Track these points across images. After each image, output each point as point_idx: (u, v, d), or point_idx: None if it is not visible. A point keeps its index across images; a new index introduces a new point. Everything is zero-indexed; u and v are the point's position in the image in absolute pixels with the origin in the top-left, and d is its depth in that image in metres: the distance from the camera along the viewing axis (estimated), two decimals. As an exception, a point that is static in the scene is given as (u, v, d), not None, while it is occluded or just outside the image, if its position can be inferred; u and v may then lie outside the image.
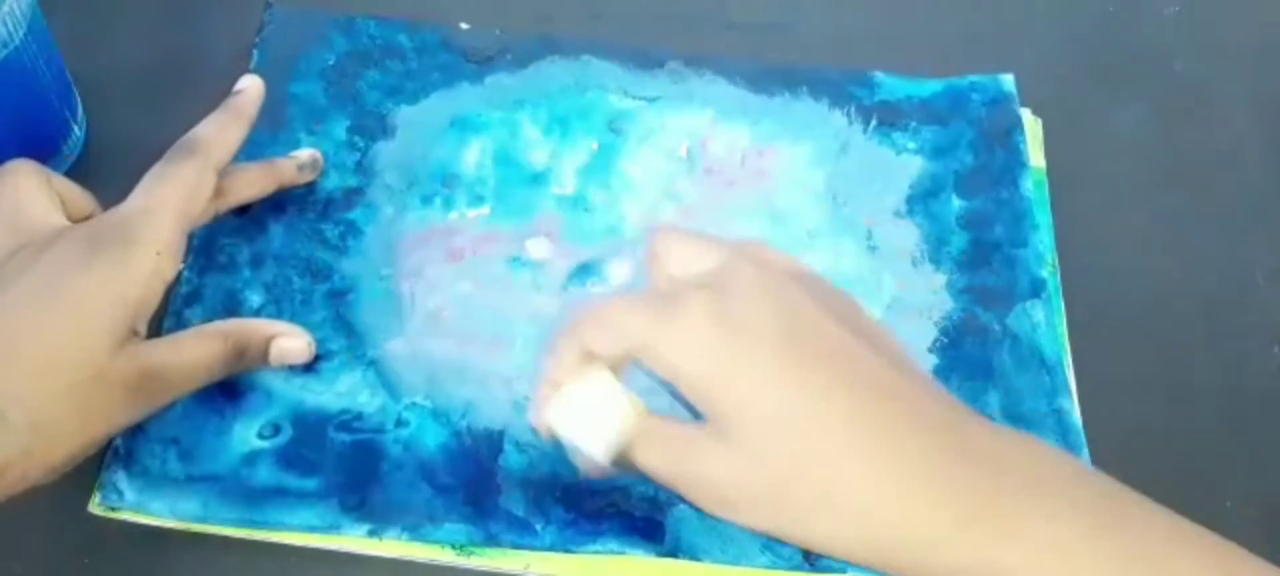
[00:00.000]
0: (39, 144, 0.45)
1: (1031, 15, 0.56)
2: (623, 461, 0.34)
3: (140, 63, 0.50)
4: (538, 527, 0.40)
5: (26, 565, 0.39)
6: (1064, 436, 0.43)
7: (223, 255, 0.44)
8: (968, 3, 0.57)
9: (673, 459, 0.32)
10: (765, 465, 0.30)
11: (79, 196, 0.39)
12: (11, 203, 0.37)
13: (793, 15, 0.55)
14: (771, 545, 0.40)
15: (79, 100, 0.47)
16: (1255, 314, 0.48)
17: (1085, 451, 0.43)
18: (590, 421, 0.34)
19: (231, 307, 0.43)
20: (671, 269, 0.34)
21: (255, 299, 0.44)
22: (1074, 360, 0.46)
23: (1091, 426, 0.44)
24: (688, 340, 0.31)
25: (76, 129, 0.47)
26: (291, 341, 0.41)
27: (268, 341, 0.40)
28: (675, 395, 0.33)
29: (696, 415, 0.32)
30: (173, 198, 0.38)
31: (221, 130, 0.41)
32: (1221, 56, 0.56)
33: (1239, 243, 0.50)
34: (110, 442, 0.39)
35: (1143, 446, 0.44)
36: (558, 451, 0.38)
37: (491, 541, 0.39)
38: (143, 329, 0.37)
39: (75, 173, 0.46)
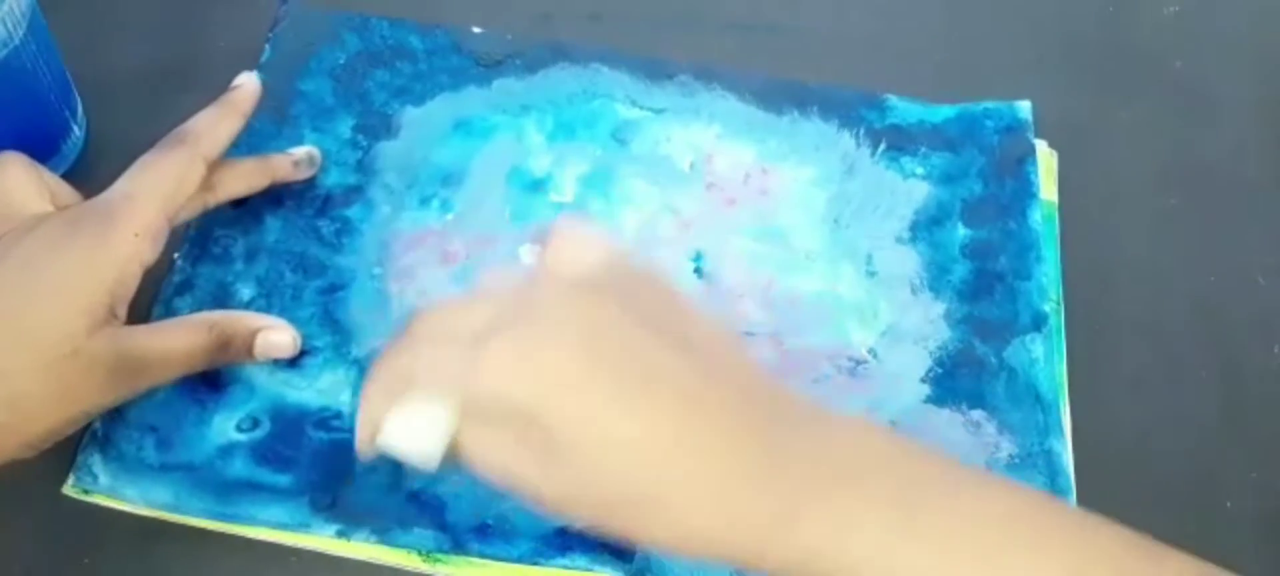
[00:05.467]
0: (39, 144, 0.45)
1: (1029, 13, 0.56)
2: (453, 462, 0.34)
3: (140, 63, 0.50)
4: (508, 539, 0.39)
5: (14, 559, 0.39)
6: (1052, 478, 0.42)
7: (217, 246, 0.45)
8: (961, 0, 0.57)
9: (502, 467, 0.32)
10: (587, 483, 0.31)
11: (68, 194, 0.40)
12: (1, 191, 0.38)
13: (793, 15, 0.55)
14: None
15: (79, 100, 0.48)
16: (1255, 314, 0.48)
17: (1073, 496, 0.41)
18: (418, 439, 0.33)
19: (222, 299, 0.44)
20: (554, 261, 0.34)
21: (246, 291, 0.44)
22: (1073, 359, 0.45)
23: (1091, 426, 0.44)
24: (497, 382, 0.31)
25: (76, 129, 0.47)
26: (277, 335, 0.41)
27: (253, 334, 0.40)
28: None
29: None
30: (156, 183, 0.38)
31: (214, 123, 0.41)
32: (1221, 56, 0.55)
33: (1239, 243, 0.49)
34: (89, 425, 0.40)
35: (1142, 446, 0.44)
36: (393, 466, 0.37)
37: (459, 549, 0.39)
38: (122, 312, 0.37)
39: (75, 172, 0.46)
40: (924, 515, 0.29)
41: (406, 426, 0.33)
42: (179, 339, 0.38)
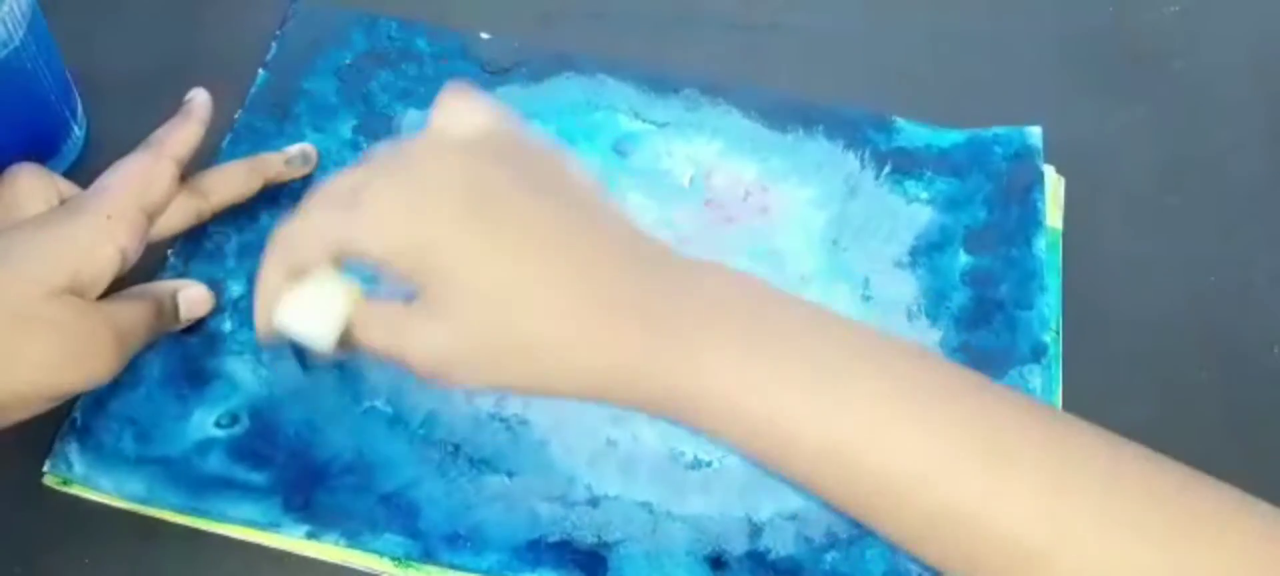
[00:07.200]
0: (39, 144, 0.45)
1: (1028, 13, 0.56)
2: (348, 346, 0.35)
3: (140, 63, 0.50)
4: (478, 550, 0.39)
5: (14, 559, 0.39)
6: None
7: (210, 243, 0.45)
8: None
9: (389, 335, 0.33)
10: (468, 330, 0.32)
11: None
12: (10, 199, 0.39)
13: (792, 15, 0.55)
14: None
15: (79, 100, 0.48)
16: (1255, 314, 0.47)
17: None
18: (311, 318, 0.34)
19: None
20: (439, 122, 0.35)
21: (237, 288, 0.44)
22: (1073, 359, 0.45)
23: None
24: (379, 226, 0.32)
25: (76, 129, 0.47)
26: (192, 290, 0.42)
27: (174, 295, 0.41)
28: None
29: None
30: (126, 176, 0.40)
31: (173, 129, 0.42)
32: (1222, 56, 0.55)
33: (1239, 243, 0.49)
34: (69, 414, 0.40)
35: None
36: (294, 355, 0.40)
37: (429, 557, 0.39)
38: (92, 295, 0.37)
39: (75, 172, 0.46)
40: (772, 348, 0.31)
41: (300, 308, 0.34)
42: (129, 309, 0.39)
